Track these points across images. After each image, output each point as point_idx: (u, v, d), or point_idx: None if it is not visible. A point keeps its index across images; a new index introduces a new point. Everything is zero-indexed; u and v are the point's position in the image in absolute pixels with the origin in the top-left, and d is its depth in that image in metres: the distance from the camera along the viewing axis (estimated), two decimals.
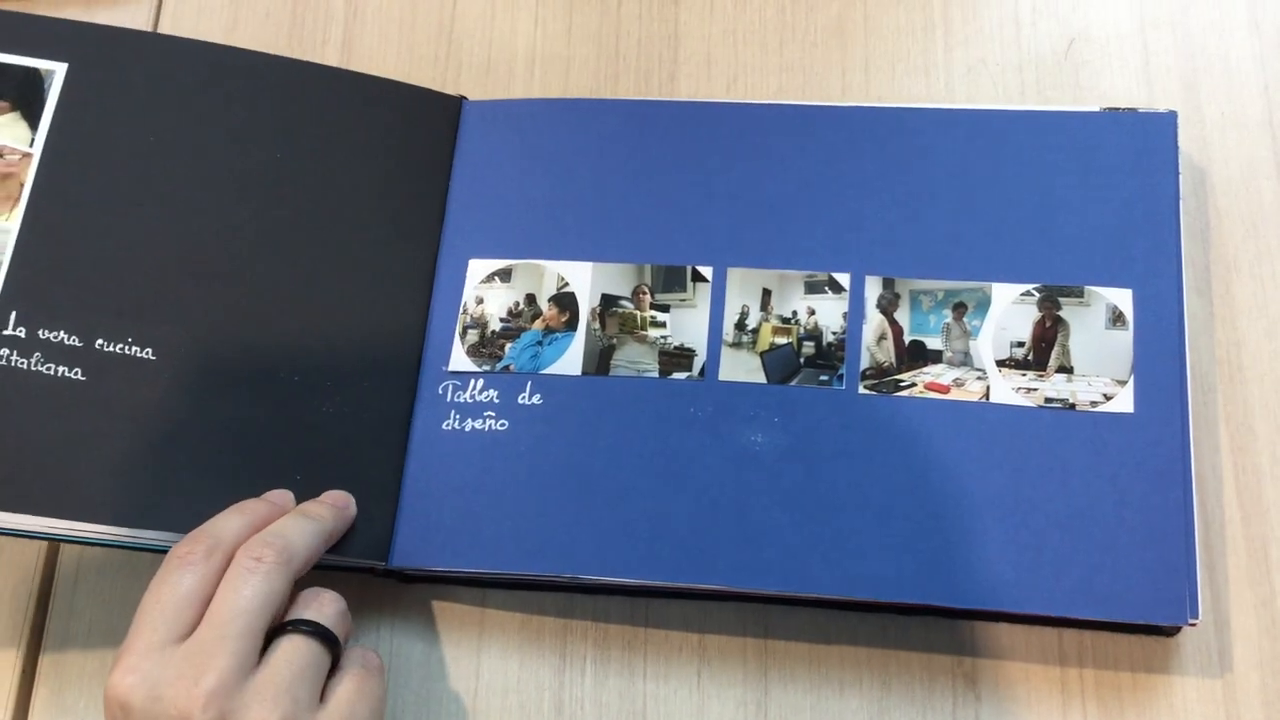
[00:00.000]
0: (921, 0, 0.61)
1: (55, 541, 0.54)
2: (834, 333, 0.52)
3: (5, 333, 0.51)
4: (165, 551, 0.46)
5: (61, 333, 0.51)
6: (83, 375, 0.51)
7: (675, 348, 0.53)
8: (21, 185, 0.53)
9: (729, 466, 0.51)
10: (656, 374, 0.53)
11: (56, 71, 0.54)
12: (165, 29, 0.65)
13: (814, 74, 0.61)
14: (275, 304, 0.53)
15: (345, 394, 0.53)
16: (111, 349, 0.51)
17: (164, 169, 0.54)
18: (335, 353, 0.53)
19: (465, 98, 0.59)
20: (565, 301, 0.55)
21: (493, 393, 0.54)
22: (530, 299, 0.55)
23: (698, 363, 0.53)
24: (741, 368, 0.53)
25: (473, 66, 0.63)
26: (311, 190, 0.55)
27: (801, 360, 0.52)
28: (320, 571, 0.50)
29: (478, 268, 0.56)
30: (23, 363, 0.50)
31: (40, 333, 0.51)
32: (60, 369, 0.51)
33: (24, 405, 0.50)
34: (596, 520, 0.51)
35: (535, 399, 0.53)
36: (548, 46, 0.63)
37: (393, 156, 0.57)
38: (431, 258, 0.56)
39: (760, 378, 0.52)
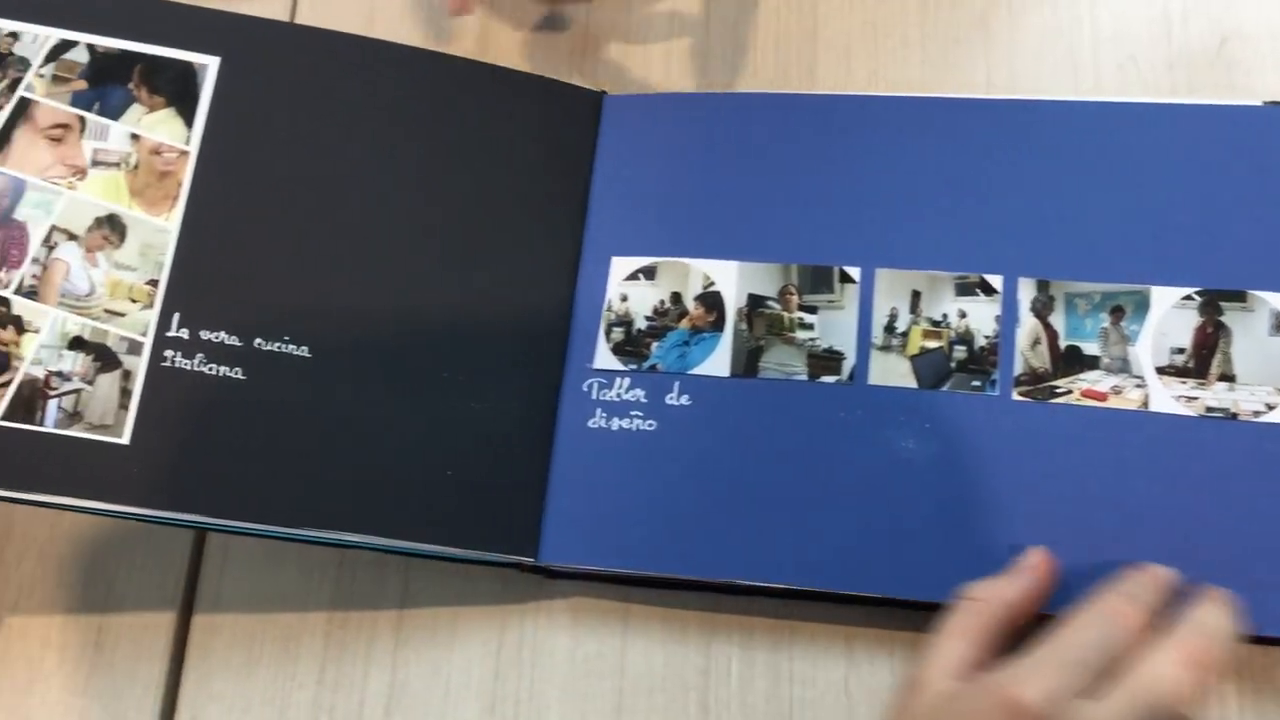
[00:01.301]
0: None
1: (209, 531, 0.55)
2: (986, 337, 0.52)
3: (169, 334, 0.51)
4: (317, 543, 0.48)
5: (222, 333, 0.52)
6: (243, 375, 0.52)
7: (824, 351, 0.53)
8: (179, 184, 0.53)
9: (879, 472, 0.51)
10: (805, 377, 0.53)
11: (209, 65, 0.55)
12: (303, 16, 0.65)
13: (957, 70, 0.60)
14: (422, 300, 0.54)
15: (492, 390, 0.53)
16: (269, 348, 0.52)
17: (313, 165, 0.54)
18: (482, 349, 0.54)
19: (606, 92, 0.59)
20: (711, 301, 0.55)
21: (639, 392, 0.54)
22: (676, 298, 0.55)
23: (846, 366, 0.53)
24: (891, 372, 0.52)
25: (609, 58, 0.63)
26: (456, 186, 0.55)
27: (953, 365, 0.52)
28: (468, 565, 0.51)
29: (621, 265, 0.56)
30: (186, 363, 0.51)
31: (202, 334, 0.52)
32: (221, 369, 0.51)
33: (189, 406, 0.51)
34: (744, 523, 0.51)
35: (684, 399, 0.53)
36: (685, 38, 0.63)
37: (535, 152, 0.57)
38: (574, 254, 0.56)
39: (911, 382, 0.52)
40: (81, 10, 0.54)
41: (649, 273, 0.55)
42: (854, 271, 0.54)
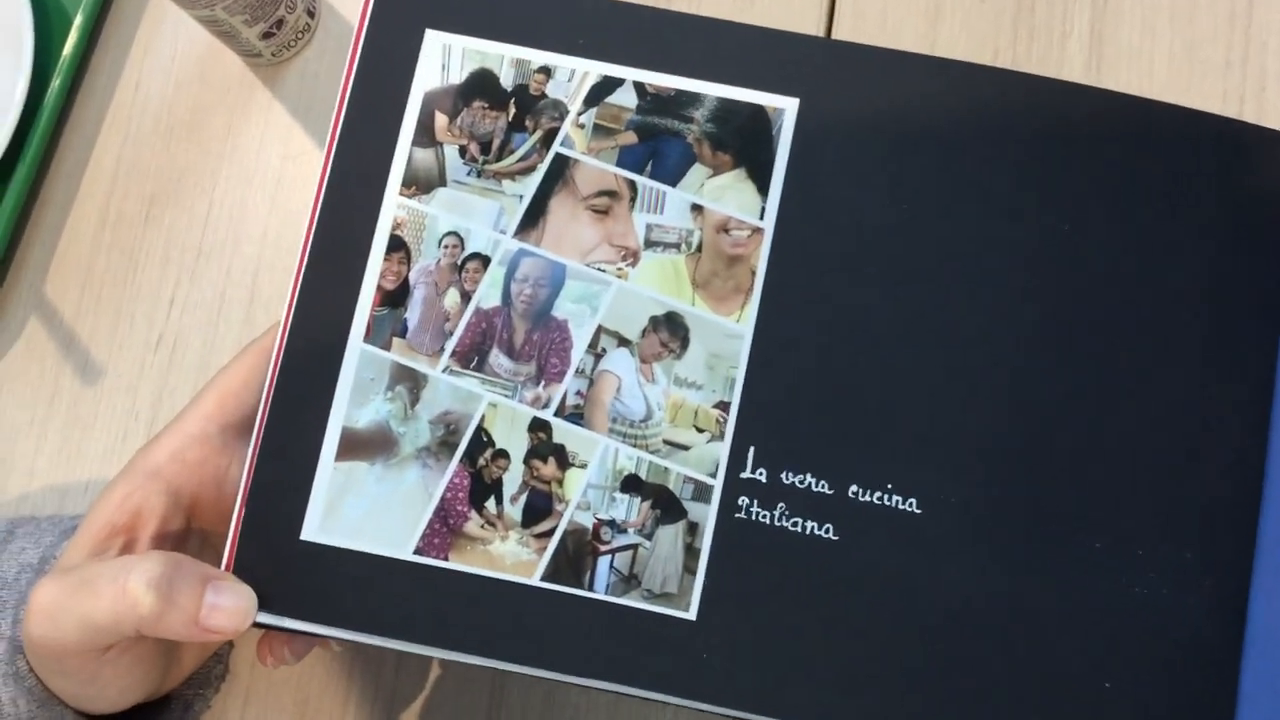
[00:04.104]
0: None
1: None
2: None
3: (744, 476, 0.39)
4: None
5: (809, 476, 0.39)
6: (834, 534, 0.39)
7: None
8: (752, 272, 0.41)
9: None
10: None
11: (787, 110, 0.42)
12: (845, 12, 0.51)
13: None
14: (1069, 434, 0.40)
15: (1161, 568, 0.39)
16: (868, 498, 0.39)
17: (923, 248, 0.41)
18: (1144, 511, 0.39)
19: None
20: None
21: None
22: None
23: None
24: None
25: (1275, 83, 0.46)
26: (1108, 275, 0.41)
27: None
28: None
29: None
30: (765, 516, 0.39)
31: (784, 476, 0.40)
32: (809, 525, 0.39)
33: (769, 573, 0.39)
34: None
35: None
36: None
37: (1205, 224, 0.41)
38: (1269, 372, 0.40)
39: None
40: (627, 37, 0.42)
41: None
42: None
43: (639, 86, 0.42)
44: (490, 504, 0.40)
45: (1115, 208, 0.41)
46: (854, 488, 0.40)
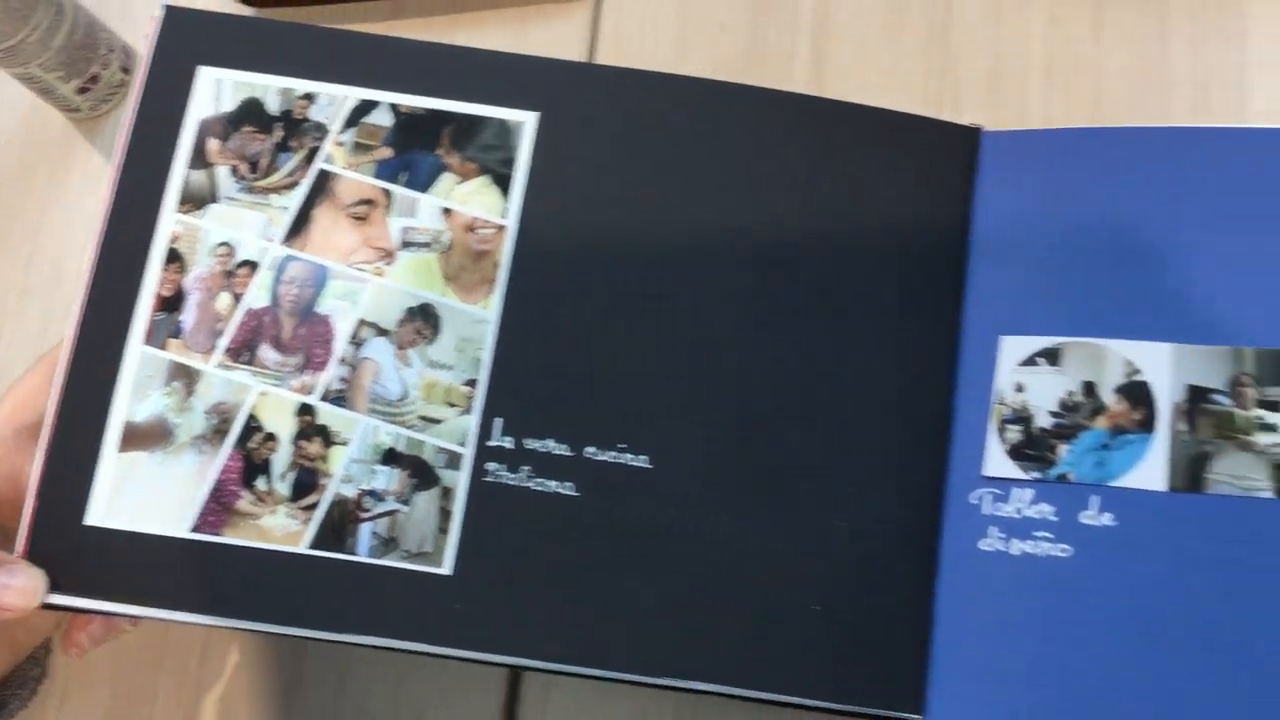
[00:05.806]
0: None
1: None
2: None
3: (491, 443, 0.44)
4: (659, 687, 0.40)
5: (550, 441, 0.44)
6: (575, 490, 0.44)
7: None
8: (496, 265, 0.46)
9: None
10: (1271, 494, 0.41)
11: (527, 123, 0.47)
12: (605, 46, 0.57)
13: None
14: (777, 396, 0.45)
15: (859, 503, 0.44)
16: (603, 457, 0.44)
17: (648, 236, 0.46)
18: (846, 453, 0.45)
19: (981, 128, 0.48)
20: (1137, 393, 0.44)
21: (1046, 508, 0.43)
22: (1089, 388, 0.44)
23: None
24: None
25: (974, 82, 0.53)
26: (812, 255, 0.46)
27: None
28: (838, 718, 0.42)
29: (1013, 346, 0.45)
30: (512, 478, 0.44)
31: (527, 442, 0.44)
32: (551, 484, 0.44)
33: (516, 529, 0.44)
34: (1196, 687, 0.40)
35: (1105, 519, 0.43)
36: (1070, 52, 0.52)
37: (899, 206, 0.47)
38: (952, 333, 0.46)
39: None
40: (383, 65, 0.47)
41: (1051, 356, 0.45)
42: None
43: (394, 107, 0.47)
44: (260, 482, 0.44)
45: (823, 197, 0.47)
46: (590, 449, 0.44)
